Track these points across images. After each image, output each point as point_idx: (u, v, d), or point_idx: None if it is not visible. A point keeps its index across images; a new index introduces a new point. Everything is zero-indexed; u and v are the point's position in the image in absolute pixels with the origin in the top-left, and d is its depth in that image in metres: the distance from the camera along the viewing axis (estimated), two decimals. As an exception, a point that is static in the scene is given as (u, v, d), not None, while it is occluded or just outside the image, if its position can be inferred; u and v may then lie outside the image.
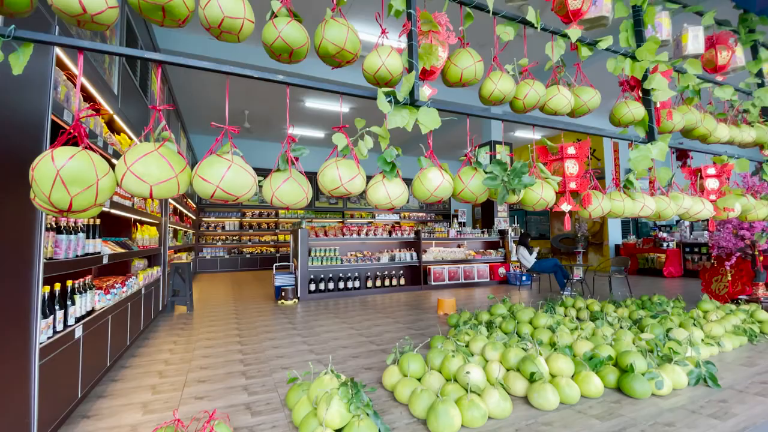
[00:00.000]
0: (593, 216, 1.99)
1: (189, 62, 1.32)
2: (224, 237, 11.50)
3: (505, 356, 2.40)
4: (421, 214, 14.17)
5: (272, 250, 11.76)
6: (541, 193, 1.81)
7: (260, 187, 1.38)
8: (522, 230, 8.70)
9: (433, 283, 7.01)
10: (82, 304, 2.15)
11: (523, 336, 2.61)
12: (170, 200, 6.11)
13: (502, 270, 7.75)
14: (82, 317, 2.16)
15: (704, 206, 2.43)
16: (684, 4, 2.56)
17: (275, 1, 1.36)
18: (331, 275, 6.14)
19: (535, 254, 6.71)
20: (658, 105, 2.32)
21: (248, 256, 11.42)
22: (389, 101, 1.54)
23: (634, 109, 2.21)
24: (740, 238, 4.36)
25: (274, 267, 6.17)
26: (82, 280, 2.20)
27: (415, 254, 7.05)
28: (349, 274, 6.26)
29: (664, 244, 8.48)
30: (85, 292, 2.22)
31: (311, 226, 6.98)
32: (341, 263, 6.21)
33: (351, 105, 8.91)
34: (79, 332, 2.06)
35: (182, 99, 8.36)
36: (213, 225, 11.43)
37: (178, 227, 7.18)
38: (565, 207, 1.95)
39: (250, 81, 7.47)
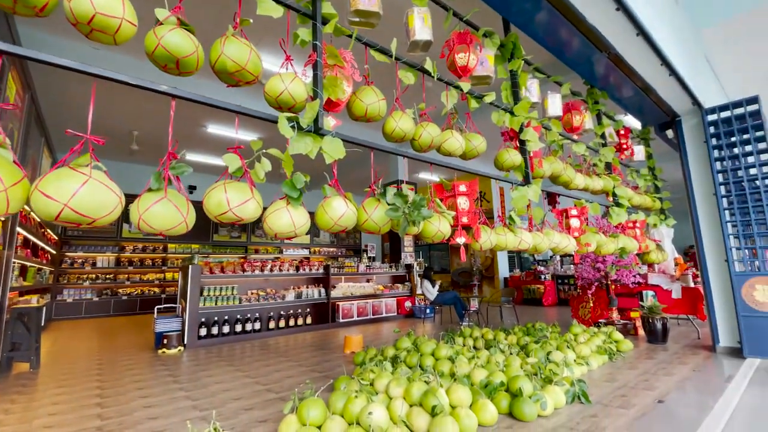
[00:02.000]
0: (483, 248, 2.17)
1: (42, 57, 1.10)
2: (94, 275, 9.68)
3: (409, 391, 2.37)
4: (332, 249, 13.97)
5: (157, 290, 10.26)
6: (438, 225, 1.91)
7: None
8: (426, 264, 9.13)
9: (341, 320, 6.81)
10: None
11: (426, 369, 2.63)
12: (19, 230, 4.96)
13: (408, 304, 7.93)
14: None
15: (570, 242, 2.86)
16: (548, 75, 3.14)
17: (161, 10, 1.24)
18: (227, 317, 5.53)
19: (437, 287, 7.04)
20: (532, 154, 2.73)
21: (125, 297, 9.75)
22: (292, 126, 1.49)
23: (514, 156, 2.56)
24: (597, 270, 5.20)
25: (155, 310, 5.33)
26: None
27: (323, 290, 6.82)
28: (249, 315, 5.73)
29: (542, 277, 9.71)
30: None
31: (206, 261, 6.30)
32: (240, 303, 5.66)
33: (259, 135, 8.61)
34: None
35: (52, 114, 7.12)
36: (80, 261, 9.57)
37: (28, 263, 5.84)
38: (460, 240, 2.10)
39: (141, 99, 6.74)
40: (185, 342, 5.07)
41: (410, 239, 9.36)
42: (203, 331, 5.28)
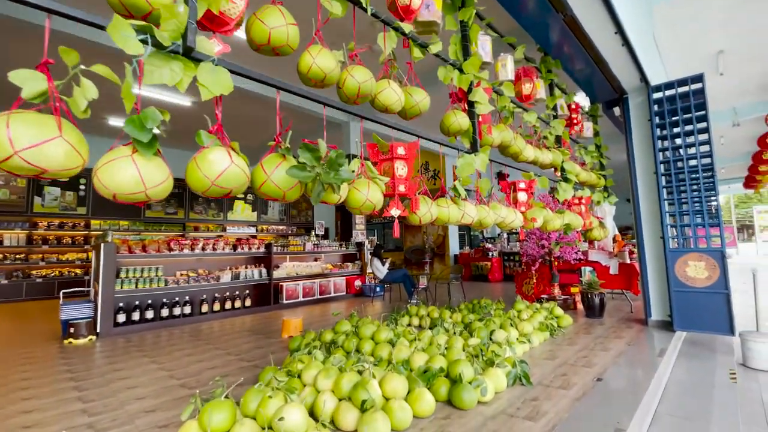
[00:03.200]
0: (423, 221, 1.90)
1: None
2: (1, 256, 8.43)
3: (338, 384, 2.09)
4: (281, 227, 13.30)
5: (78, 271, 9.18)
6: (366, 193, 1.59)
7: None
8: (377, 242, 8.91)
9: (285, 302, 6.43)
10: None
11: (360, 357, 2.37)
12: None
13: (358, 282, 7.70)
14: None
15: (516, 216, 2.69)
16: (501, 34, 2.87)
17: None
18: (150, 301, 4.93)
19: (387, 265, 6.85)
20: (481, 119, 2.47)
21: (40, 280, 8.63)
22: (143, 41, 1.05)
23: (461, 119, 2.28)
24: (541, 246, 5.23)
25: (61, 294, 4.62)
26: None
27: (264, 271, 6.35)
28: (177, 299, 5.16)
29: (490, 254, 9.89)
30: None
31: (124, 239, 5.58)
32: (166, 285, 5.07)
33: (192, 99, 7.71)
34: None
35: None
36: (-20, 240, 8.26)
37: None
38: (395, 212, 1.80)
39: (56, 49, 5.65)
40: (98, 330, 4.45)
41: (362, 217, 9.04)
42: (121, 318, 4.67)
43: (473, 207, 2.26)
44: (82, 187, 9.44)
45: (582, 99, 5.17)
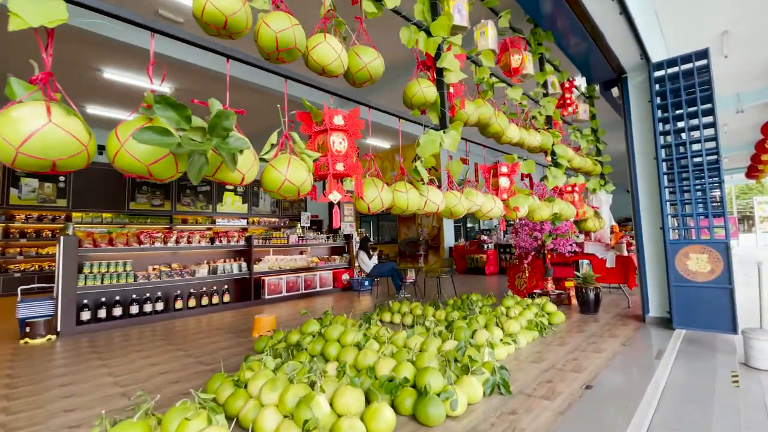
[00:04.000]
0: (372, 208, 1.59)
1: None
2: (-25, 250, 8.16)
3: (283, 398, 1.81)
4: (273, 220, 12.97)
5: (59, 265, 8.89)
6: (285, 172, 1.27)
7: None
8: (365, 235, 8.60)
9: (267, 297, 6.15)
10: None
11: (313, 365, 2.08)
12: None
13: (345, 276, 7.42)
14: None
15: (496, 204, 2.38)
16: (482, -1, 2.54)
17: None
18: (118, 298, 4.65)
19: (375, 259, 6.56)
20: (452, 90, 2.14)
21: (18, 275, 8.36)
22: None
23: (426, 88, 1.95)
24: (534, 239, 4.92)
25: (19, 291, 4.33)
26: None
27: (245, 264, 6.06)
28: (149, 295, 4.88)
29: (485, 246, 9.59)
30: None
31: (88, 232, 5.28)
32: (135, 281, 4.78)
33: (173, 85, 7.33)
34: None
35: None
36: (-47, 233, 7.97)
37: None
38: (334, 197, 1.48)
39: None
40: (59, 329, 4.17)
41: (351, 208, 8.71)
42: (86, 315, 4.38)
43: (439, 193, 1.94)
44: (61, 178, 9.13)
45: (577, 81, 4.82)
